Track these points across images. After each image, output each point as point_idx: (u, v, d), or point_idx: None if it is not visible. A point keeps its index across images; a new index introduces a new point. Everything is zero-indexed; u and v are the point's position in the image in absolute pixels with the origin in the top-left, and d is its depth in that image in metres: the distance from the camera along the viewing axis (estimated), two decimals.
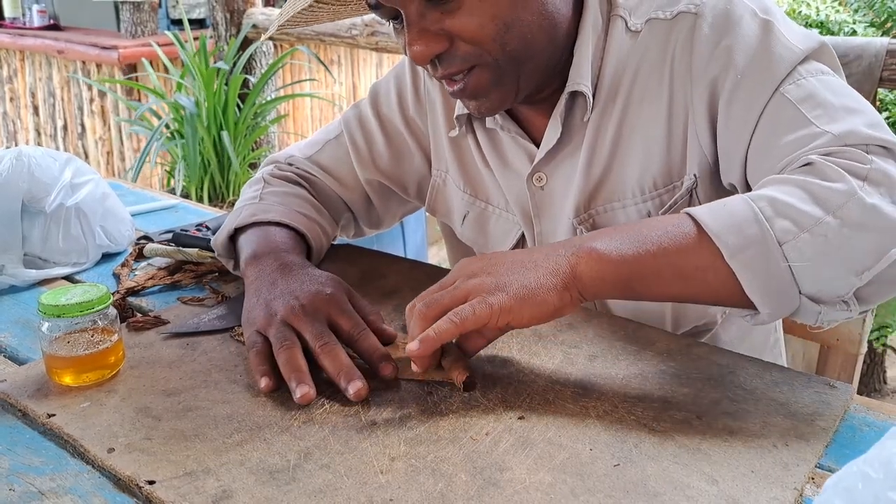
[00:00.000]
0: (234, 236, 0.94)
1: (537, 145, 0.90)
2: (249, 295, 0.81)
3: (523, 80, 0.81)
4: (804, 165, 0.68)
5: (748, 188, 0.78)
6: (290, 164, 1.04)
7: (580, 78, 0.83)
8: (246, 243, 0.90)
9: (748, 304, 0.66)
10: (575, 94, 0.85)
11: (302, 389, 0.68)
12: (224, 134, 3.12)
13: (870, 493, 0.37)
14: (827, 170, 0.66)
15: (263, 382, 0.70)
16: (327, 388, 0.71)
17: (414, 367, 0.70)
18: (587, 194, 0.87)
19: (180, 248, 0.99)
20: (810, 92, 0.73)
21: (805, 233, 0.63)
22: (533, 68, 0.81)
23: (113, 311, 0.74)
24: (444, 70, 0.79)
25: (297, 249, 0.90)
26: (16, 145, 4.79)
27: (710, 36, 0.78)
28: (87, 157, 4.30)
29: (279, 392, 0.70)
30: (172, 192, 3.19)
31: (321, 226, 0.98)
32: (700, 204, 0.82)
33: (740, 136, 0.77)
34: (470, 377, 0.69)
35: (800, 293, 0.65)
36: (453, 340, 0.72)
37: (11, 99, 4.76)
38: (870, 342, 2.29)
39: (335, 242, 1.11)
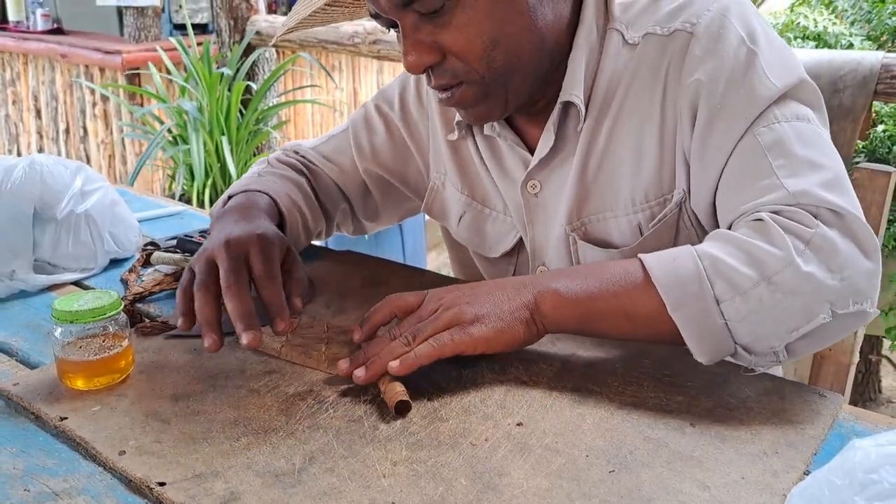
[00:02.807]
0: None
1: (533, 153, 0.92)
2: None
3: (511, 94, 0.84)
4: (755, 220, 0.73)
5: (713, 219, 0.83)
6: (296, 153, 1.11)
7: (572, 89, 0.86)
8: (228, 204, 0.96)
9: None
10: (568, 105, 0.88)
11: (209, 339, 0.74)
12: (224, 140, 3.14)
13: (836, 499, 0.39)
14: (772, 231, 0.70)
15: (179, 322, 0.77)
16: (332, 395, 0.73)
17: (359, 372, 0.72)
18: (579, 202, 0.90)
19: (187, 257, 1.02)
20: (779, 138, 0.76)
21: (741, 295, 0.68)
22: (521, 81, 0.84)
23: (123, 317, 0.76)
24: (436, 81, 0.83)
25: (264, 212, 0.93)
26: (17, 148, 4.82)
27: (699, 57, 0.81)
28: (88, 160, 4.31)
29: (284, 397, 0.73)
30: (174, 196, 3.21)
31: (303, 215, 1.02)
32: (690, 218, 0.85)
33: (710, 170, 0.80)
34: (403, 402, 0.69)
35: (735, 343, 0.70)
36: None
37: (14, 102, 4.78)
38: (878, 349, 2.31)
39: (337, 249, 1.13)
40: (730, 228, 0.76)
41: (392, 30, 0.84)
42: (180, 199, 3.10)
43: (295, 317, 0.80)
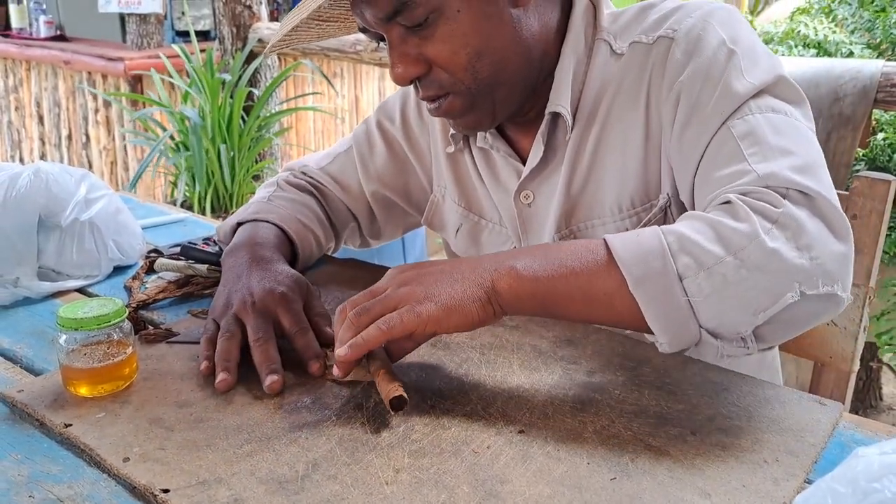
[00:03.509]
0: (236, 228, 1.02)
1: (525, 164, 0.93)
2: (220, 283, 0.89)
3: (499, 104, 0.85)
4: (723, 203, 0.71)
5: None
6: (304, 174, 1.12)
7: (559, 99, 0.87)
8: (237, 235, 0.98)
9: (651, 331, 0.70)
10: (557, 115, 0.88)
11: (222, 376, 0.75)
12: (223, 147, 3.15)
13: None
14: (739, 210, 0.68)
15: (203, 365, 0.78)
16: (335, 402, 0.73)
17: (335, 371, 0.73)
18: (568, 211, 0.91)
19: (191, 265, 1.02)
20: (753, 128, 0.76)
21: (704, 270, 0.66)
22: (508, 92, 0.85)
23: (128, 325, 0.76)
24: (424, 93, 0.85)
25: (275, 246, 0.95)
26: (20, 154, 4.83)
27: (680, 60, 0.82)
28: (90, 166, 4.33)
29: (287, 404, 0.73)
30: (175, 203, 3.21)
31: (315, 235, 1.04)
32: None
33: (689, 163, 0.81)
34: (399, 397, 0.68)
35: (700, 327, 0.68)
36: (382, 346, 0.75)
37: (17, 108, 4.80)
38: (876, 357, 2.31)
39: (340, 257, 1.14)
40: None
41: (381, 43, 0.85)
42: (182, 206, 3.10)
43: (329, 349, 0.82)
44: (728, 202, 0.71)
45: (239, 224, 1.01)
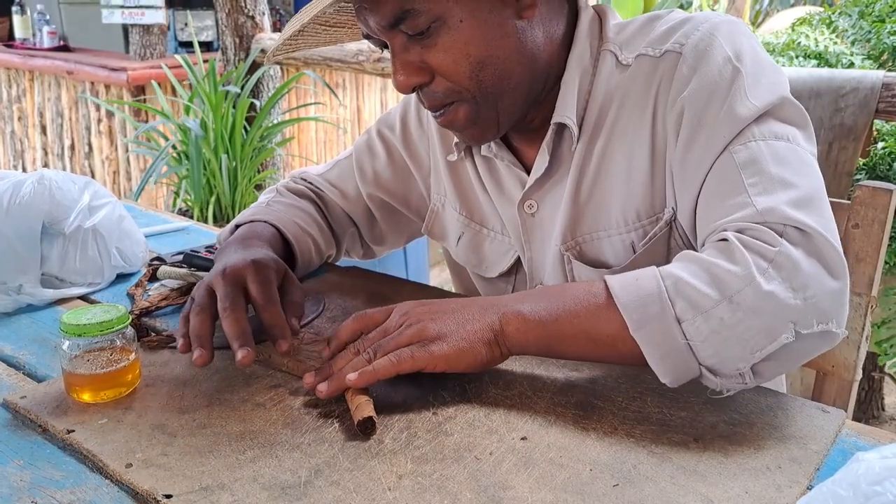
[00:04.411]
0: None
1: (530, 173, 0.93)
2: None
3: (503, 114, 0.86)
4: (720, 240, 0.72)
5: (695, 233, 0.82)
6: (304, 180, 1.13)
7: (565, 110, 0.87)
8: (233, 235, 0.99)
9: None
10: (562, 126, 0.89)
11: (198, 353, 0.76)
12: (224, 158, 3.16)
13: None
14: (735, 251, 0.69)
15: (180, 343, 0.79)
16: (337, 408, 0.73)
17: (321, 388, 0.73)
18: (573, 222, 0.91)
19: (193, 272, 1.03)
20: (754, 157, 0.76)
21: (702, 314, 0.67)
22: (512, 102, 0.85)
23: (131, 331, 0.77)
24: (427, 102, 0.85)
25: (266, 240, 0.96)
26: (23, 164, 4.84)
27: (686, 76, 0.81)
28: (93, 176, 4.34)
29: (289, 410, 0.73)
30: (173, 211, 3.22)
31: (314, 240, 1.05)
32: (681, 235, 0.86)
33: (690, 187, 0.81)
34: (369, 419, 0.68)
35: (699, 364, 0.69)
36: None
37: (20, 118, 4.81)
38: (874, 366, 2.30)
39: (342, 265, 1.14)
40: (703, 245, 0.76)
41: (385, 50, 0.86)
42: (184, 216, 3.11)
43: (294, 336, 0.82)
44: (724, 239, 0.71)
45: (237, 227, 1.02)
